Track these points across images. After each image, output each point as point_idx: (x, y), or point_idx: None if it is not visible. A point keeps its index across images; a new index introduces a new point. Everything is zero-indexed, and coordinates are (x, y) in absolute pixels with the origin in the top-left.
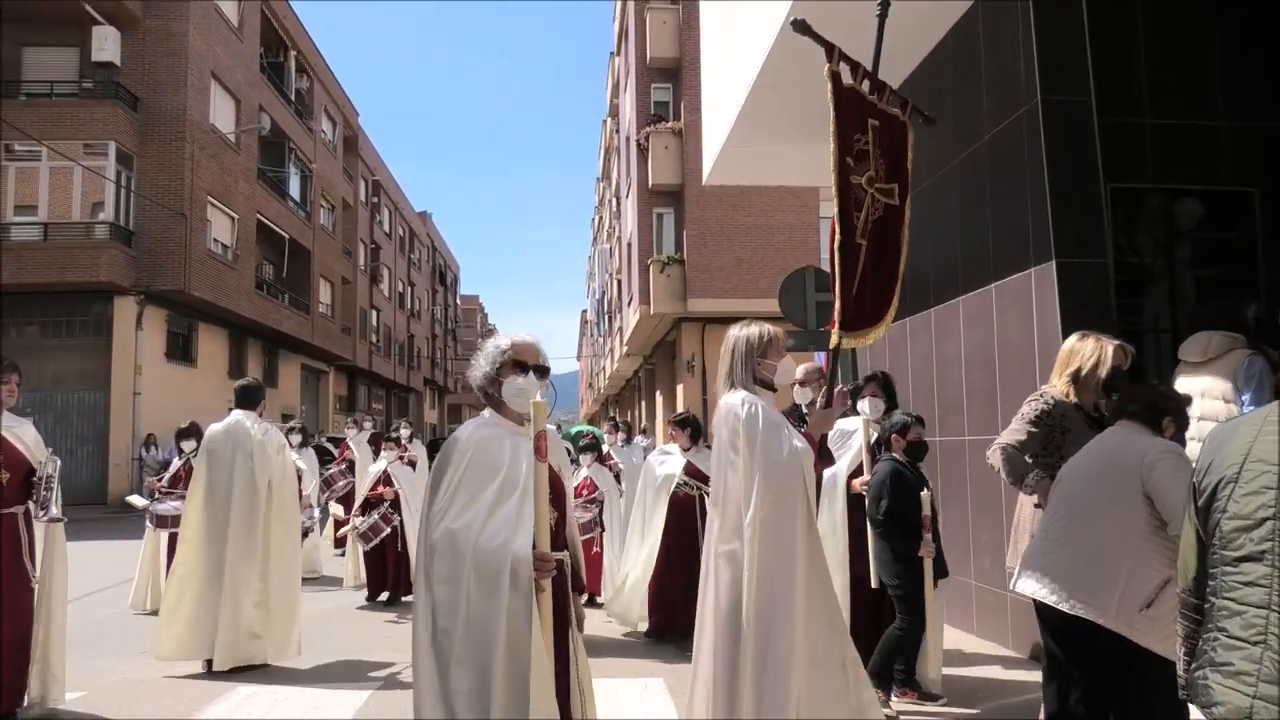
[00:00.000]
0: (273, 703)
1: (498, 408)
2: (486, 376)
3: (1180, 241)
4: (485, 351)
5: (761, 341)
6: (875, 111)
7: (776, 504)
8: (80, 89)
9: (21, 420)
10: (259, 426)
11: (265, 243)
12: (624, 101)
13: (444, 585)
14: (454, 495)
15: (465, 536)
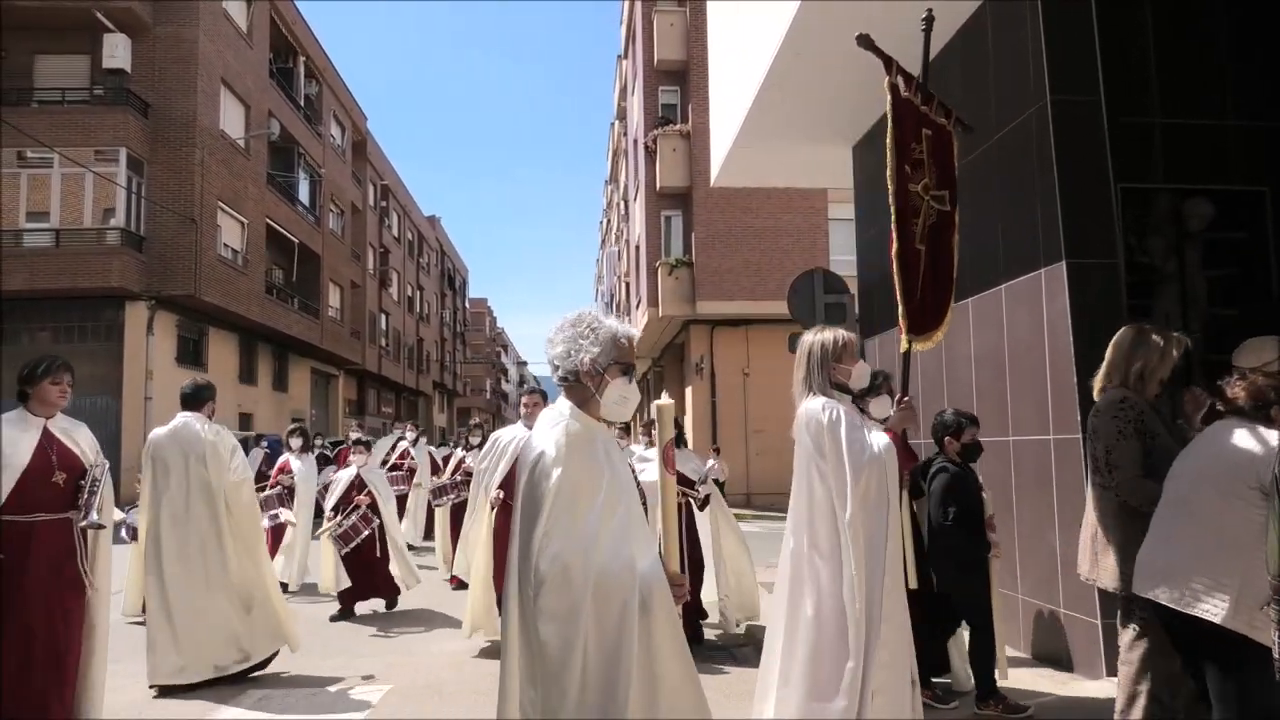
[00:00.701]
0: (285, 705)
1: (583, 402)
2: (595, 364)
3: (1191, 242)
4: (596, 336)
5: (836, 346)
6: (928, 121)
7: (864, 505)
8: (91, 96)
9: (76, 422)
10: (209, 428)
11: (275, 247)
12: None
13: (554, 623)
14: (556, 509)
15: (583, 560)
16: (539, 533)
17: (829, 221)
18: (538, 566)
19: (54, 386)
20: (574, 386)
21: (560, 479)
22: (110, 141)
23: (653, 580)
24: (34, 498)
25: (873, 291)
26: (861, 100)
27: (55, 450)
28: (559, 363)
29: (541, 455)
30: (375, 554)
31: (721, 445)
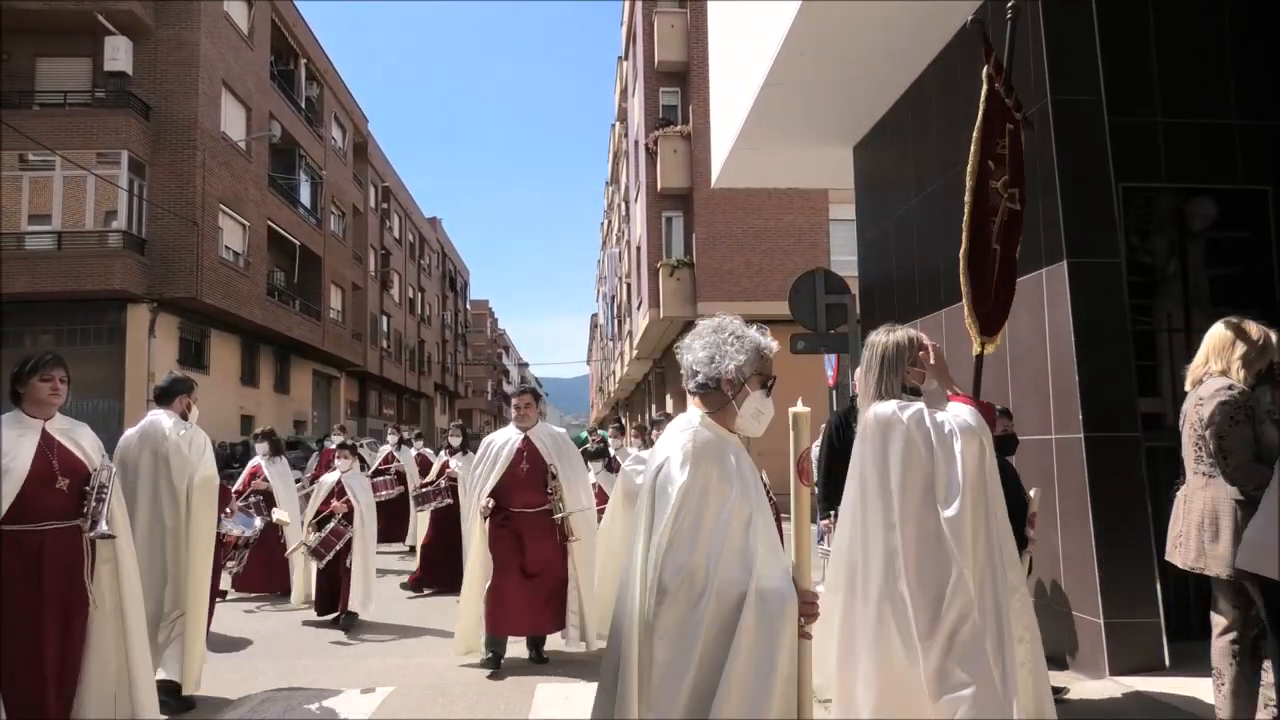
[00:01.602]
0: (288, 708)
1: (717, 411)
2: (740, 372)
3: (1193, 241)
4: (741, 344)
5: (912, 348)
6: (1011, 116)
7: (975, 500)
8: (93, 98)
9: (77, 423)
10: (178, 426)
11: (276, 249)
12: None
13: (670, 637)
14: (682, 519)
15: (705, 573)
16: (661, 542)
17: (830, 222)
18: (660, 578)
19: (44, 384)
20: (710, 394)
21: (686, 487)
22: (112, 144)
23: (784, 597)
24: (38, 505)
25: (873, 292)
26: (862, 101)
27: (56, 454)
28: (699, 368)
29: (667, 461)
30: (344, 566)
31: None
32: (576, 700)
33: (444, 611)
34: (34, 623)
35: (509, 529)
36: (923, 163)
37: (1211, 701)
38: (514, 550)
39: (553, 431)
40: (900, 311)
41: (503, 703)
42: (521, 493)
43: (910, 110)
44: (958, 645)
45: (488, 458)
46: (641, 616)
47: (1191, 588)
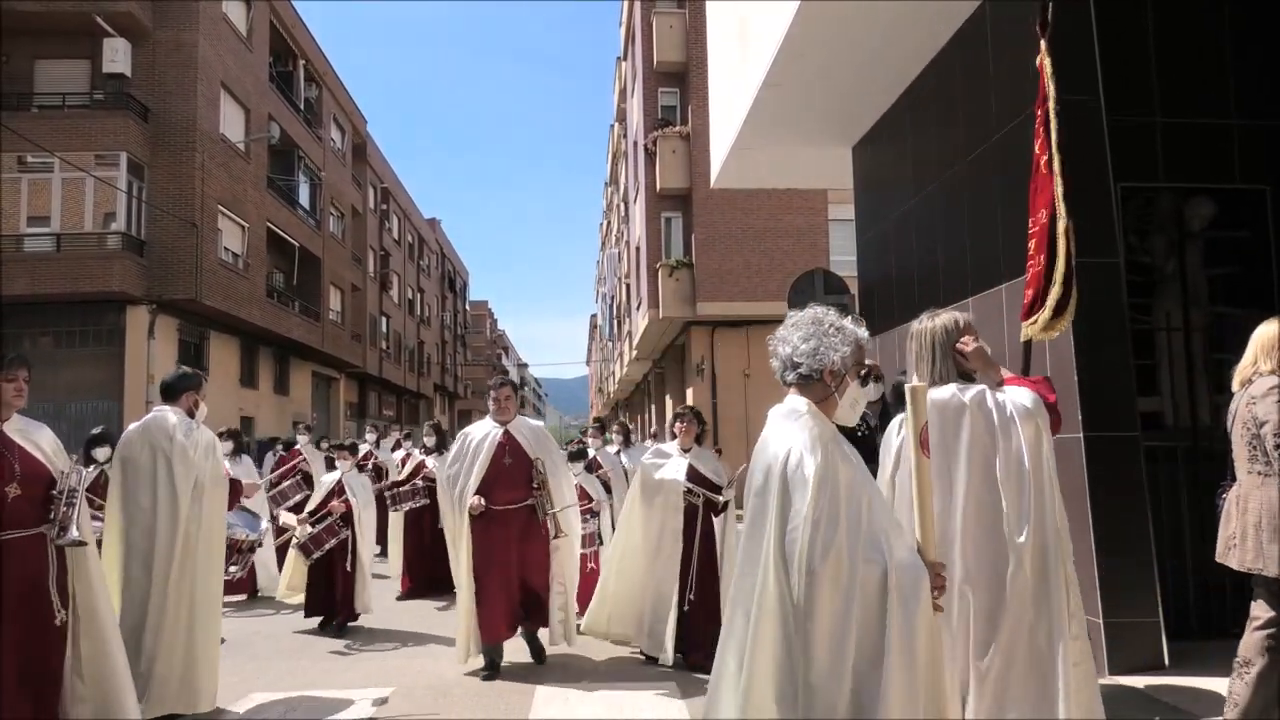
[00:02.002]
0: (288, 708)
1: (819, 401)
2: (844, 363)
3: (1192, 240)
4: (844, 336)
5: (959, 329)
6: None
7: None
8: (91, 100)
9: (36, 424)
10: (184, 424)
11: (275, 251)
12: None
13: (829, 620)
14: (821, 501)
15: (850, 553)
16: (805, 526)
17: (829, 222)
18: (808, 561)
19: (8, 384)
20: (812, 385)
21: (821, 472)
22: (111, 146)
23: (916, 571)
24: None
25: (873, 291)
26: (861, 101)
27: (17, 456)
28: (802, 359)
29: (792, 450)
30: (342, 569)
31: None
32: (576, 701)
33: (444, 616)
34: None
35: (494, 527)
36: (922, 163)
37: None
38: (500, 549)
39: (533, 425)
40: (900, 312)
41: (503, 703)
42: (504, 489)
43: (909, 110)
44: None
45: (466, 453)
46: (782, 599)
47: (1191, 588)
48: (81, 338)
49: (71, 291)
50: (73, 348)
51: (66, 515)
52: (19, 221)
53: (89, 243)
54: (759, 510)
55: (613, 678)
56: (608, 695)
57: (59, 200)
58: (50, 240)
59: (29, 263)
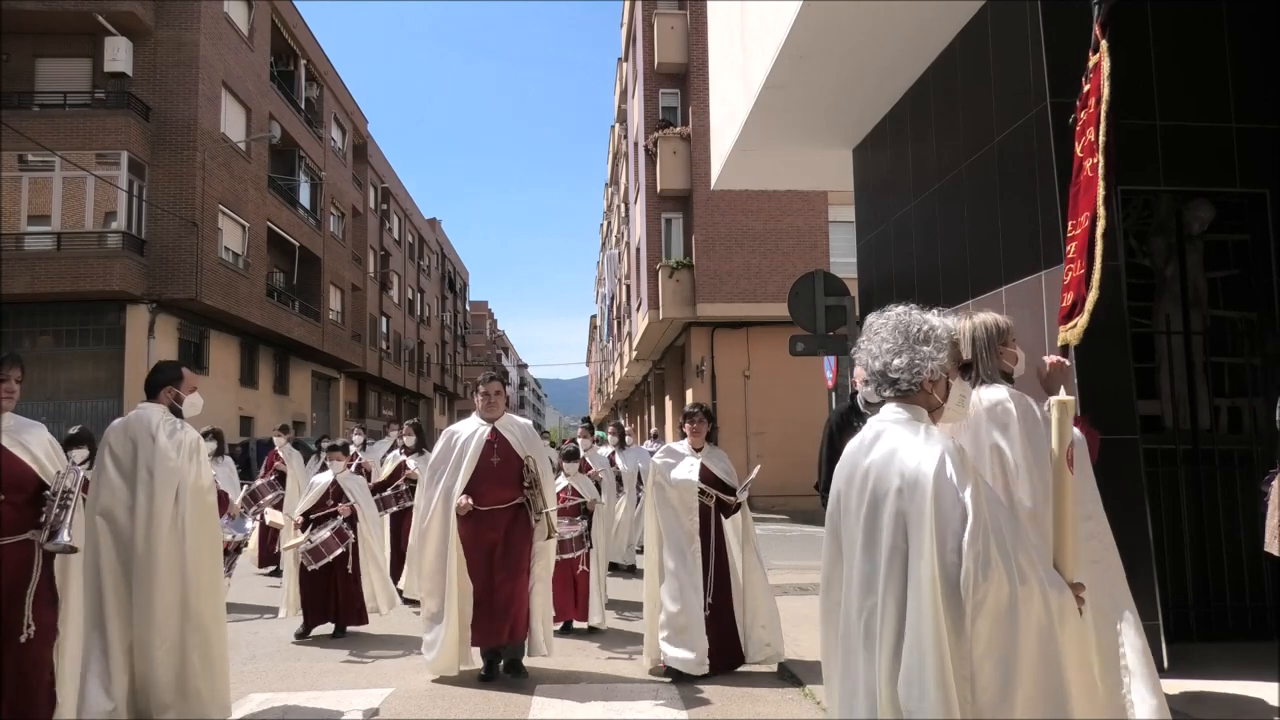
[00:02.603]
0: (288, 707)
1: (928, 410)
2: (943, 369)
3: (1191, 244)
4: (937, 340)
5: (1001, 330)
6: None
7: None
8: (93, 99)
9: (29, 423)
10: (167, 423)
11: (276, 250)
12: (632, 107)
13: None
14: (980, 518)
15: (1008, 567)
16: (967, 549)
17: (829, 224)
18: (972, 586)
19: None
20: (915, 396)
21: (975, 488)
22: (111, 145)
23: (1064, 592)
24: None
25: (873, 293)
26: (862, 103)
27: (1, 460)
28: (898, 374)
29: (937, 464)
30: (343, 573)
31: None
32: (575, 697)
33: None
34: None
35: (480, 528)
36: (922, 165)
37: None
38: (487, 551)
39: (521, 423)
40: None
41: (502, 703)
42: (493, 488)
43: (910, 112)
44: None
45: (453, 451)
46: (939, 623)
47: (1190, 591)
48: (81, 337)
49: (72, 290)
50: (73, 347)
51: (58, 518)
52: (19, 220)
53: (89, 242)
54: (876, 527)
55: (612, 679)
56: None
57: (60, 199)
58: (51, 239)
59: (29, 261)
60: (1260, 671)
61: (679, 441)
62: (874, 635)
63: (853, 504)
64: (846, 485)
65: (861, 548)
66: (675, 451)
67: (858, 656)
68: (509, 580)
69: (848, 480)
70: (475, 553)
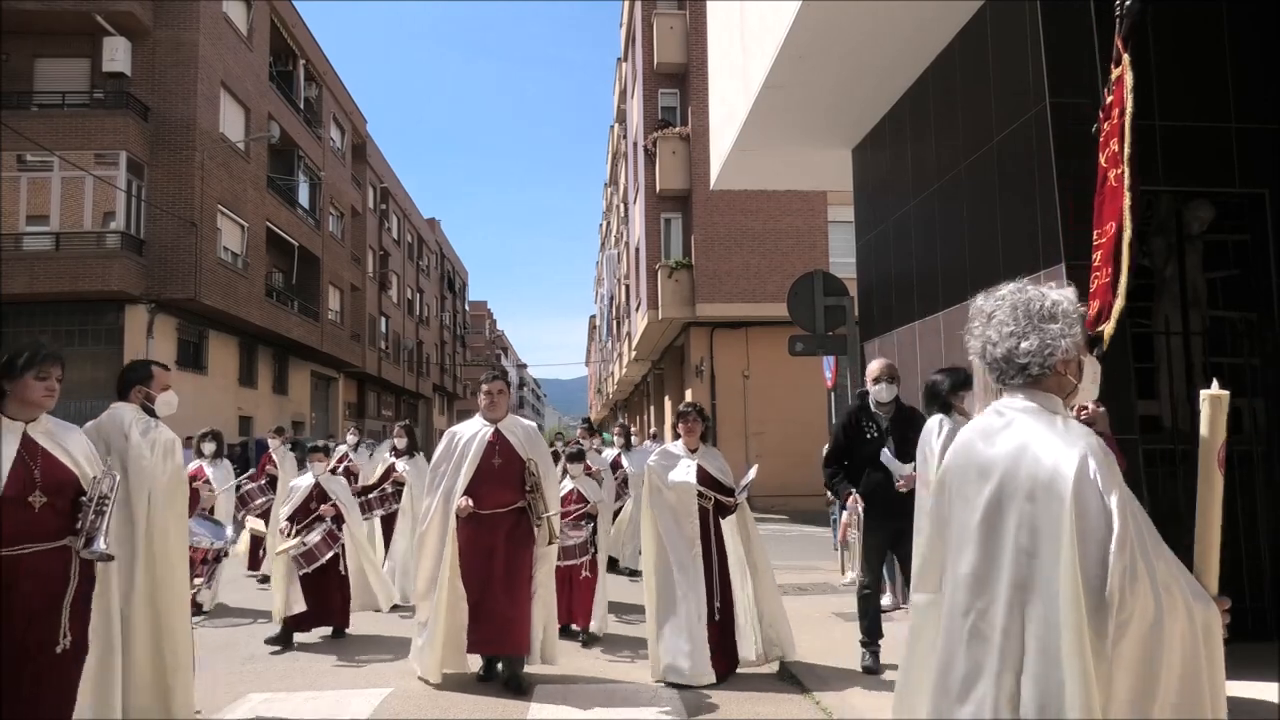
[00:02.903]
0: (287, 707)
1: (1059, 394)
2: (1076, 346)
3: (1191, 244)
4: (1065, 317)
5: None
6: None
7: None
8: (91, 99)
9: (68, 426)
10: (141, 422)
11: (275, 250)
12: (631, 107)
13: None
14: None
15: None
16: (1115, 555)
17: (828, 224)
18: (1119, 595)
19: (39, 382)
20: (1046, 380)
21: (1122, 489)
22: (110, 145)
23: (1209, 604)
24: (15, 524)
25: (872, 293)
26: (861, 103)
27: (40, 462)
28: (1028, 359)
29: (1079, 460)
30: (336, 576)
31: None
32: (574, 701)
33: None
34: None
35: (479, 531)
36: (921, 165)
37: None
38: (486, 556)
39: (525, 425)
40: (899, 314)
41: (500, 703)
42: (493, 491)
43: (909, 113)
44: None
45: (454, 452)
46: (1081, 635)
47: None
48: (80, 337)
49: (70, 290)
50: (71, 347)
51: (94, 525)
52: (18, 220)
53: (88, 242)
54: (999, 528)
55: (612, 682)
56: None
57: (58, 199)
58: (49, 239)
59: (28, 261)
60: (1260, 672)
61: (673, 443)
62: (983, 639)
63: (968, 497)
64: (959, 477)
65: (977, 545)
66: (670, 453)
67: (958, 657)
68: (509, 589)
69: (961, 471)
70: (473, 558)
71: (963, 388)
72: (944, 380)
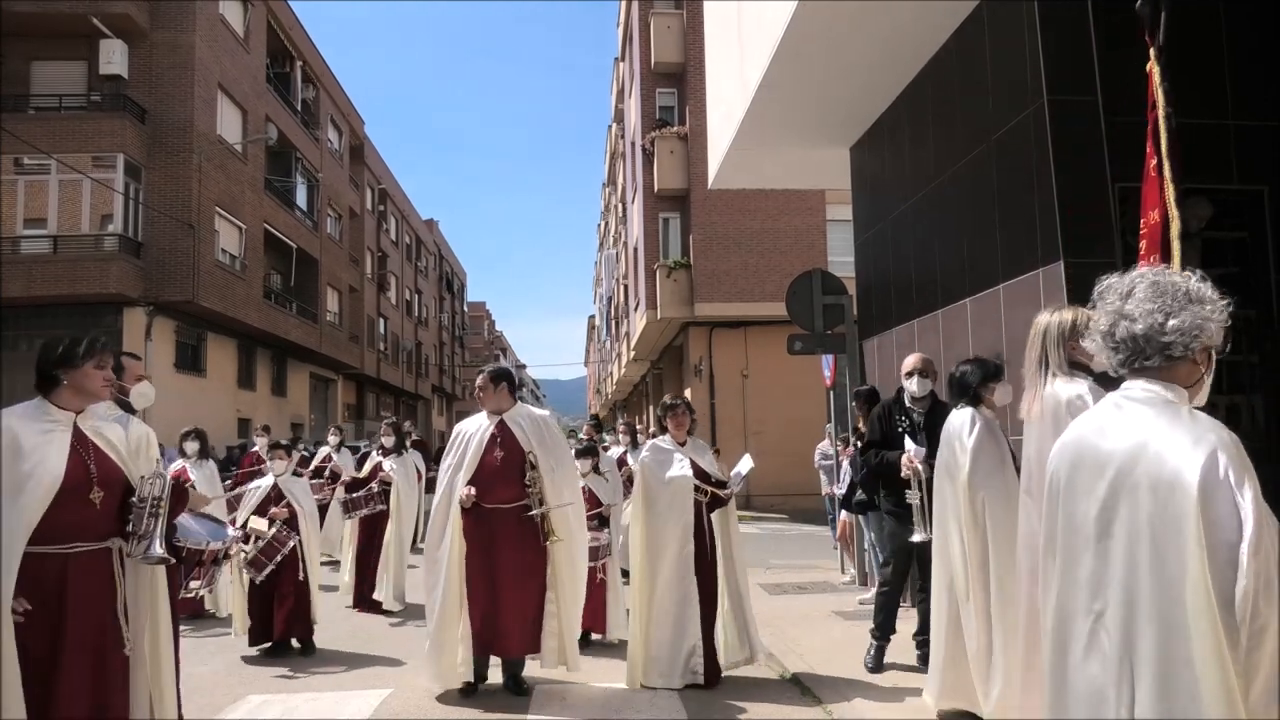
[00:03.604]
0: (286, 709)
1: (1188, 384)
2: (1219, 331)
3: (1190, 241)
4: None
5: (1077, 325)
6: None
7: None
8: (89, 102)
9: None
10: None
11: (273, 252)
12: (629, 106)
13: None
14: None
15: None
16: (1247, 562)
17: (827, 223)
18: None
19: (99, 371)
20: (1176, 368)
21: (1255, 489)
22: (108, 148)
23: None
24: (68, 522)
25: (871, 292)
26: (858, 102)
27: (93, 456)
28: (1173, 337)
29: (1207, 456)
30: (293, 582)
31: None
32: (574, 700)
33: None
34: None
35: (481, 527)
36: (919, 163)
37: None
38: (487, 554)
39: (534, 414)
40: (897, 312)
41: (500, 703)
42: (496, 486)
43: (906, 111)
44: None
45: (458, 447)
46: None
47: None
48: None
49: (68, 293)
50: None
51: (149, 526)
52: (16, 223)
53: (86, 244)
54: (1113, 525)
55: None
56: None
57: (56, 202)
58: (47, 242)
59: (25, 264)
60: None
61: (662, 437)
62: (1099, 648)
63: (1080, 491)
64: (1072, 469)
65: (1092, 542)
66: (661, 448)
67: (1073, 660)
68: (514, 588)
69: (1073, 464)
70: (476, 555)
71: (993, 380)
72: (973, 372)
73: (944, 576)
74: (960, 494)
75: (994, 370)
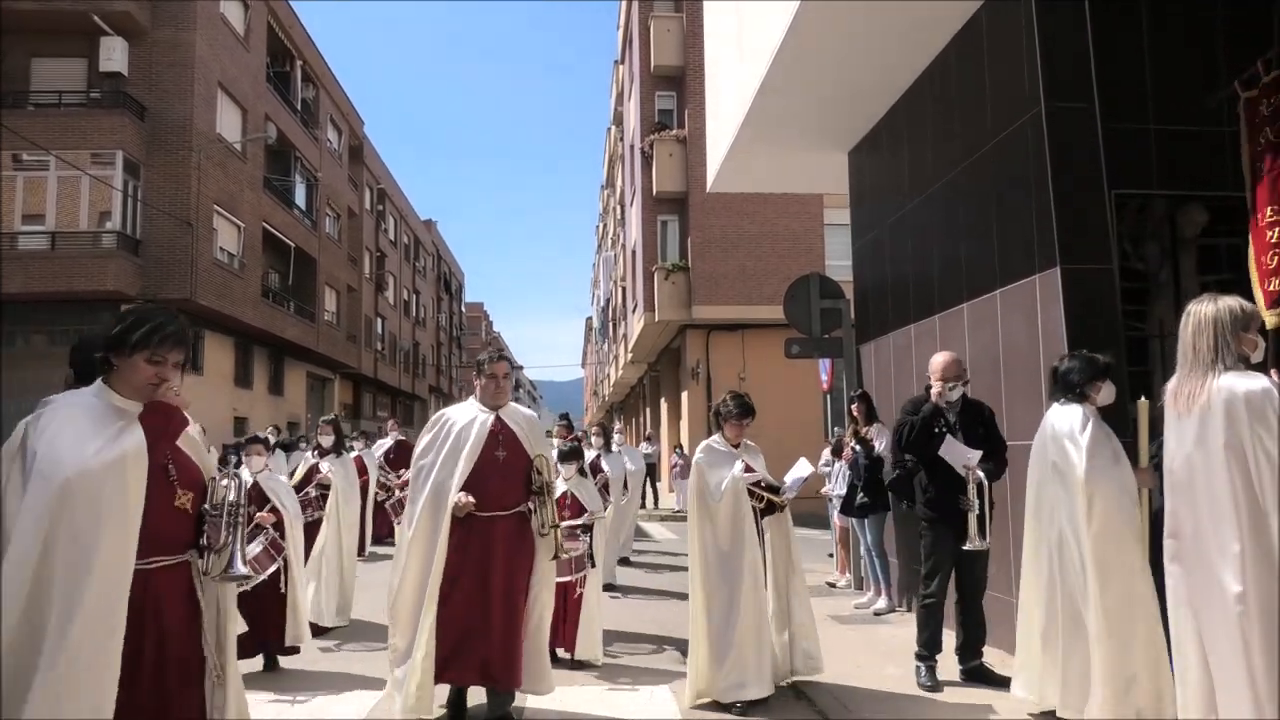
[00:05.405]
0: (280, 711)
1: None
2: None
3: (1185, 247)
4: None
5: (1245, 314)
6: None
7: None
8: (88, 99)
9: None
10: None
11: (271, 251)
12: (628, 109)
13: None
14: None
15: None
16: None
17: (825, 226)
18: None
19: (150, 367)
20: None
21: None
22: (107, 145)
23: None
24: (154, 533)
25: (868, 296)
26: (857, 106)
27: (173, 457)
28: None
29: None
30: (277, 592)
31: None
32: (571, 699)
33: None
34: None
35: (472, 537)
36: (918, 168)
37: None
38: (481, 566)
39: (527, 414)
40: (895, 317)
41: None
42: (495, 489)
43: (905, 117)
44: None
45: (446, 441)
46: None
47: None
48: (76, 337)
49: (66, 290)
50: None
51: (231, 540)
52: (14, 220)
53: (84, 241)
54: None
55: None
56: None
57: (54, 199)
58: (45, 239)
59: (23, 261)
60: None
61: (715, 437)
62: None
63: None
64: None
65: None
66: (715, 450)
67: None
68: (505, 608)
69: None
70: (465, 569)
71: (1100, 378)
72: (1080, 369)
73: (1043, 579)
74: (1076, 492)
75: (1102, 369)
